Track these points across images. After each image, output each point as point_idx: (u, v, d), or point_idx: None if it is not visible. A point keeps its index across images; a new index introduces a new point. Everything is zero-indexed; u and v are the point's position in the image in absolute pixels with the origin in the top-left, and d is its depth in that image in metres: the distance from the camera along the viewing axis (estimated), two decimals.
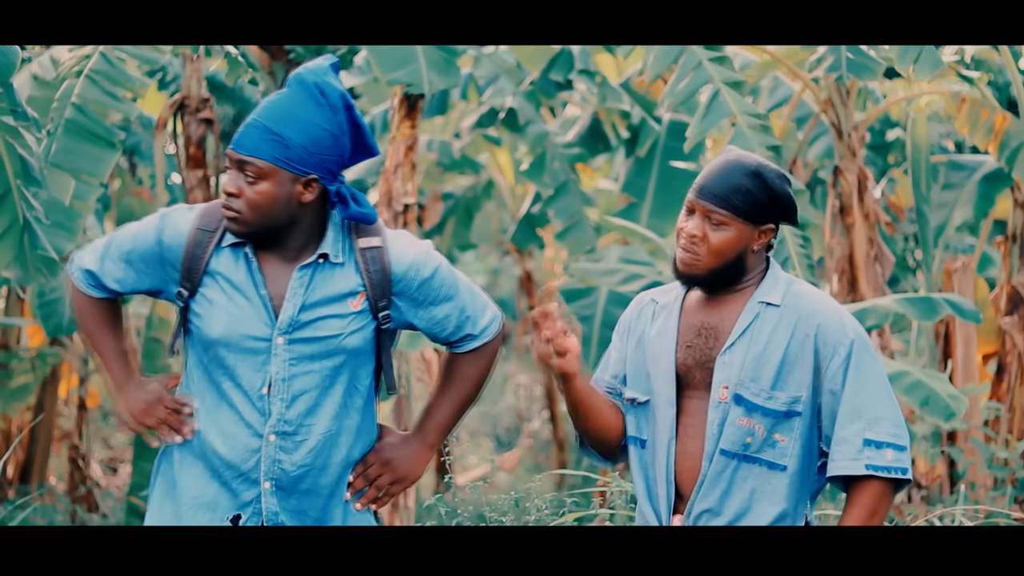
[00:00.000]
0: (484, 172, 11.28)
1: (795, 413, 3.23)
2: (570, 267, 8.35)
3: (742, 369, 3.22)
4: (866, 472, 3.18)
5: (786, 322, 3.24)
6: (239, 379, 3.29)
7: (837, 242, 7.30)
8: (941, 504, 6.72)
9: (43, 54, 6.12)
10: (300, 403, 3.29)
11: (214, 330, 3.28)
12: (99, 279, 3.38)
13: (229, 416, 3.30)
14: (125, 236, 3.37)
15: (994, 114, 6.98)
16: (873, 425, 3.21)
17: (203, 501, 3.32)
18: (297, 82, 3.26)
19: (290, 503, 3.32)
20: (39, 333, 9.42)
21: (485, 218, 13.80)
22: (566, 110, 10.94)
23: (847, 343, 3.23)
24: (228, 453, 3.30)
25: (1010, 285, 7.12)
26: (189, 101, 7.33)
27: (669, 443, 3.28)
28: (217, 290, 3.29)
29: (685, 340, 3.30)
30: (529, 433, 14.20)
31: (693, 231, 3.25)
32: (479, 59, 8.81)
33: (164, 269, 3.33)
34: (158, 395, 3.37)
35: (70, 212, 5.48)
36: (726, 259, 3.25)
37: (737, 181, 3.23)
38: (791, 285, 3.30)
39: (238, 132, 3.25)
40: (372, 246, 3.32)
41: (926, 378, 5.81)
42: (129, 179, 10.36)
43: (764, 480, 3.24)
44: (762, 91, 8.64)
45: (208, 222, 3.32)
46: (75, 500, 8.92)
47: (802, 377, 3.23)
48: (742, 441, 3.23)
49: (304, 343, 3.28)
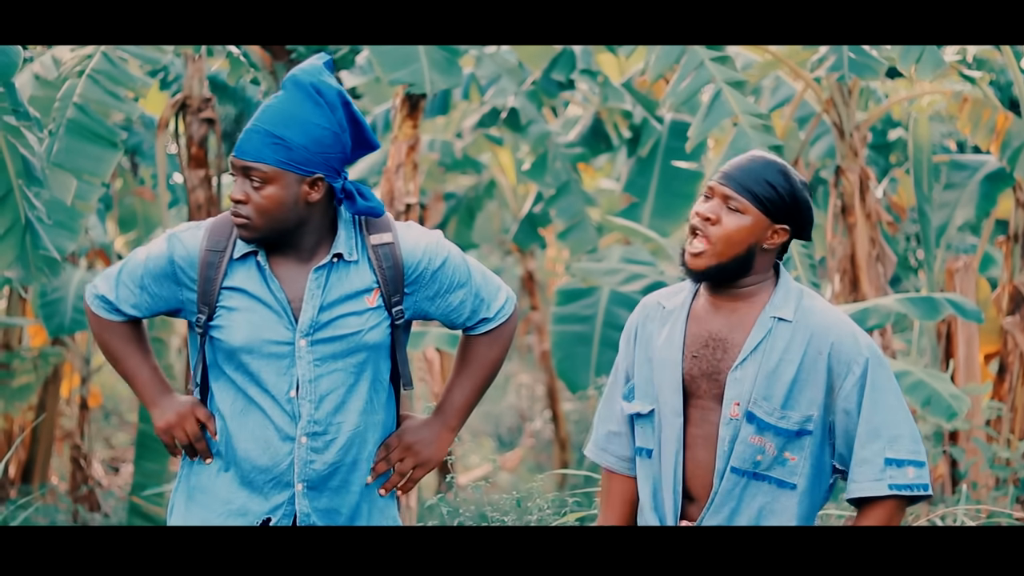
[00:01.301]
0: (486, 172, 11.29)
1: (806, 432, 3.20)
2: (572, 267, 8.35)
3: (754, 386, 3.18)
4: (890, 492, 3.16)
5: (799, 339, 3.19)
6: (266, 384, 3.30)
7: (839, 242, 7.30)
8: (943, 504, 6.71)
9: (45, 54, 6.11)
10: (328, 402, 3.31)
11: (236, 338, 3.29)
12: (115, 305, 3.39)
13: (259, 421, 3.32)
14: (136, 261, 3.37)
15: (996, 114, 6.98)
16: (893, 444, 3.17)
17: (233, 508, 3.34)
18: (293, 84, 3.27)
19: (320, 502, 3.35)
20: (41, 333, 9.43)
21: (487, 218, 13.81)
22: (568, 110, 10.93)
23: (862, 361, 3.19)
24: (260, 458, 3.31)
25: (1012, 285, 7.12)
26: (191, 101, 7.32)
27: (677, 453, 3.25)
28: (236, 300, 3.30)
29: (692, 350, 3.26)
30: (531, 433, 14.19)
31: (708, 212, 3.21)
32: (481, 59, 8.81)
33: (179, 289, 3.34)
34: (183, 410, 3.37)
35: (72, 212, 5.48)
36: (736, 249, 3.19)
37: (763, 174, 3.21)
38: (802, 299, 3.25)
39: (240, 138, 3.26)
40: (384, 242, 3.35)
41: (928, 378, 5.81)
42: (131, 179, 10.37)
43: (773, 498, 3.22)
44: (764, 91, 8.64)
45: (217, 241, 3.32)
46: (77, 500, 8.92)
47: (814, 396, 3.20)
48: (752, 459, 3.20)
49: (326, 343, 3.30)
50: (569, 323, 8.67)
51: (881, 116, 8.40)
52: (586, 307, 8.71)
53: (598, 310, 8.62)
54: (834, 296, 7.34)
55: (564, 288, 8.91)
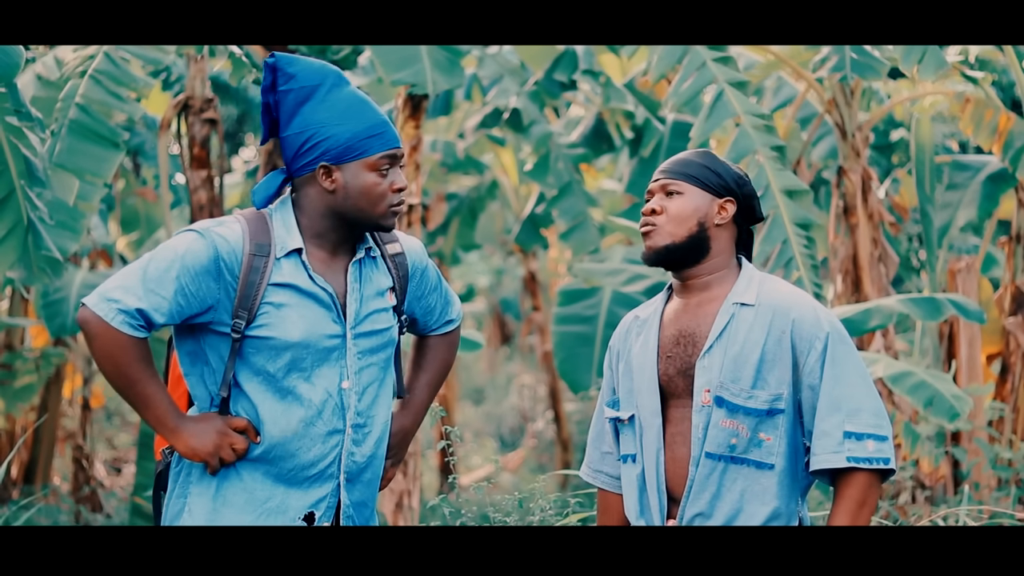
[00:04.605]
0: (488, 172, 11.30)
1: (778, 411, 3.24)
2: (574, 267, 8.35)
3: (721, 371, 3.24)
4: (848, 464, 3.18)
5: (761, 320, 3.25)
6: (319, 378, 3.30)
7: (841, 242, 7.30)
8: (945, 505, 6.71)
9: (47, 54, 6.12)
10: (367, 395, 3.36)
11: (294, 334, 3.26)
12: (146, 315, 3.19)
13: (304, 417, 3.29)
14: (160, 263, 3.21)
15: (998, 114, 6.98)
16: (853, 417, 3.21)
17: (272, 506, 3.30)
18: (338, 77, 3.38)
19: (355, 495, 3.38)
20: (43, 333, 9.44)
21: (489, 218, 13.82)
22: (570, 110, 10.94)
23: (823, 336, 3.23)
24: (306, 455, 3.30)
25: (1014, 285, 7.12)
26: (193, 101, 7.33)
27: (658, 453, 3.30)
28: (285, 297, 3.27)
29: (665, 351, 3.32)
30: (533, 433, 14.20)
31: (652, 207, 3.34)
32: (483, 60, 8.82)
33: (218, 288, 3.23)
34: (220, 428, 3.27)
35: (74, 212, 5.48)
36: (687, 227, 3.29)
37: (692, 158, 3.37)
38: (764, 283, 3.32)
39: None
40: (396, 252, 3.45)
41: (930, 378, 5.81)
42: (133, 179, 10.39)
43: (753, 480, 3.25)
44: (766, 91, 8.64)
45: (260, 245, 3.27)
46: (79, 500, 8.93)
47: (781, 374, 3.24)
48: (727, 443, 3.24)
49: (366, 337, 3.35)
50: (571, 323, 8.67)
51: (883, 117, 8.41)
52: (588, 308, 8.71)
53: (600, 311, 8.62)
54: (836, 297, 7.35)
55: (566, 288, 8.92)
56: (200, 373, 3.31)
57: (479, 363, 18.13)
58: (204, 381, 3.31)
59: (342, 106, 3.30)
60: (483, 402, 16.41)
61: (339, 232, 3.32)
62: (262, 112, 3.39)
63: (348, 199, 3.29)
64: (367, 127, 3.28)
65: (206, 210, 7.28)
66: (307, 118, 3.30)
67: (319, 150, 3.28)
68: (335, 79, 3.32)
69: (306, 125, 3.29)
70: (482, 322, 19.30)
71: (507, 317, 19.22)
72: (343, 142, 3.27)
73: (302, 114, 3.30)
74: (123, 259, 9.85)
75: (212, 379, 3.30)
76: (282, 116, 3.33)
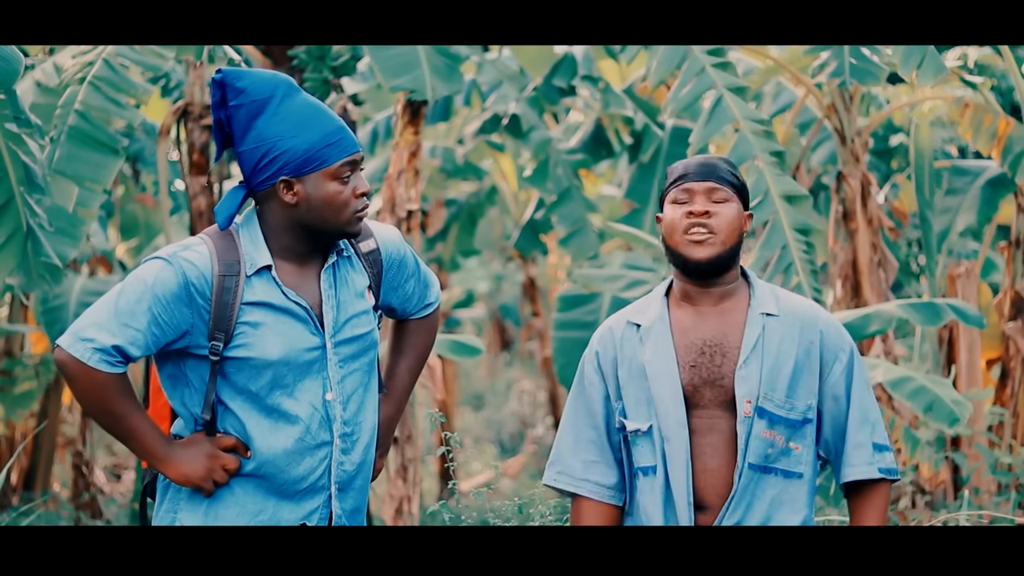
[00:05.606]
0: (487, 178, 11.30)
1: (809, 420, 3.28)
2: (573, 273, 8.34)
3: (760, 382, 3.24)
4: (879, 476, 3.27)
5: (790, 331, 3.27)
6: (302, 392, 3.26)
7: (840, 247, 7.30)
8: (945, 510, 6.71)
9: (46, 60, 6.12)
10: (352, 403, 3.32)
11: (273, 352, 3.23)
12: (122, 350, 3.17)
13: (292, 433, 3.26)
14: (130, 296, 3.18)
15: (997, 119, 6.98)
16: (876, 429, 3.30)
17: (263, 519, 3.28)
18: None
19: (347, 503, 3.35)
20: (43, 340, 9.42)
21: (488, 224, 13.83)
22: (569, 116, 10.94)
23: (848, 349, 3.31)
24: (295, 470, 3.27)
25: (1013, 290, 7.12)
26: (192, 107, 7.32)
27: (686, 464, 3.27)
28: (259, 315, 3.23)
29: (687, 360, 3.29)
30: (533, 439, 14.18)
31: (702, 208, 3.26)
32: (482, 65, 8.82)
33: (191, 313, 3.20)
34: (210, 452, 3.24)
35: (73, 219, 5.48)
36: (735, 237, 3.29)
37: (722, 164, 3.32)
38: (775, 292, 3.34)
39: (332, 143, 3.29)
40: (370, 250, 3.39)
41: (930, 383, 5.81)
42: (132, 186, 10.37)
43: (782, 489, 3.27)
44: (765, 97, 8.64)
45: (230, 265, 3.23)
46: (79, 507, 8.91)
47: (811, 384, 3.28)
48: (764, 453, 3.26)
49: (347, 344, 3.31)
50: (571, 329, 8.67)
51: (882, 122, 8.40)
52: (588, 313, 8.71)
53: (600, 316, 8.61)
54: (836, 302, 7.34)
55: (566, 294, 8.91)
56: (182, 396, 3.28)
57: (479, 369, 18.11)
58: (186, 403, 3.28)
59: (296, 117, 3.23)
60: (483, 408, 16.40)
61: (306, 243, 3.28)
62: (214, 129, 3.31)
63: (312, 211, 3.24)
64: (323, 136, 3.22)
65: (205, 216, 7.27)
66: (262, 132, 3.23)
67: (277, 164, 3.22)
68: (286, 89, 3.26)
69: (262, 140, 3.23)
70: (482, 328, 19.29)
71: (507, 323, 19.20)
72: (300, 154, 3.21)
73: (256, 128, 3.23)
74: (123, 265, 9.85)
75: (194, 400, 3.27)
76: (236, 131, 3.27)
